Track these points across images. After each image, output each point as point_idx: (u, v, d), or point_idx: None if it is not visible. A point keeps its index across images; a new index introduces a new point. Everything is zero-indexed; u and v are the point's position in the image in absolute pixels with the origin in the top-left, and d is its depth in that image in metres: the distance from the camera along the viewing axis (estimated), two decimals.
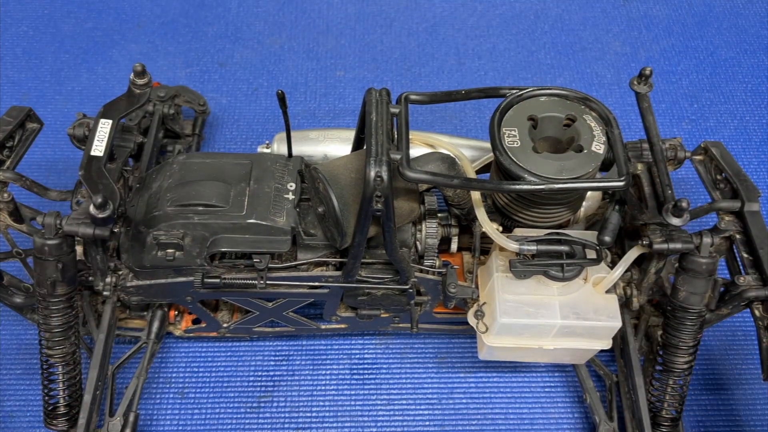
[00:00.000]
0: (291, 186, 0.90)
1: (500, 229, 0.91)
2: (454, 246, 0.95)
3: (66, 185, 1.21)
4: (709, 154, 0.99)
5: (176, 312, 1.01)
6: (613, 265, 0.89)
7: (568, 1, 1.56)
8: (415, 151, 0.99)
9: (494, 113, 0.85)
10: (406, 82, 1.41)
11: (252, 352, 1.06)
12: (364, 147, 0.78)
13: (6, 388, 1.01)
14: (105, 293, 0.90)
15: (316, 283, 0.90)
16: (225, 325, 1.00)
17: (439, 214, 0.92)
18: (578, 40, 1.49)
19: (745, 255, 0.89)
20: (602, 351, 1.00)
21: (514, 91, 0.87)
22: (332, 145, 1.04)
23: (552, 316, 0.85)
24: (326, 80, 1.41)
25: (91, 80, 1.39)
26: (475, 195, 0.87)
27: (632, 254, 0.87)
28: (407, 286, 0.89)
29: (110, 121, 0.90)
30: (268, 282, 0.87)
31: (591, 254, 0.85)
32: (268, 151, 1.06)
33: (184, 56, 1.43)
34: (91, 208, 0.79)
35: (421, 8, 1.55)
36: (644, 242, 0.85)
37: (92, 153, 0.87)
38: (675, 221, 0.82)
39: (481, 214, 0.86)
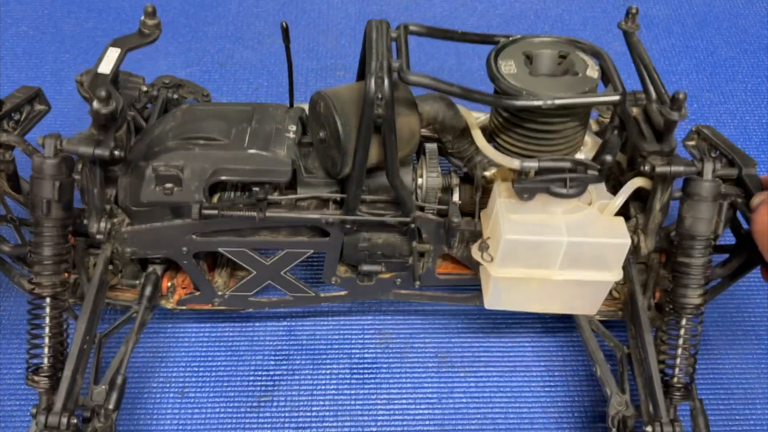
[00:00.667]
0: (292, 128, 0.91)
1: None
2: (455, 199, 0.93)
3: None
4: (702, 135, 0.99)
5: (169, 284, 1.00)
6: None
7: (568, 1, 1.57)
8: None
9: (491, 52, 0.87)
10: None
11: (252, 352, 1.06)
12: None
13: (6, 388, 1.02)
14: (99, 237, 0.88)
15: (316, 216, 0.88)
16: (220, 293, 0.99)
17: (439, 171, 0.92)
18: None
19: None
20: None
21: (508, 37, 0.90)
22: None
23: (558, 234, 0.84)
24: (326, 80, 1.41)
25: None
26: (470, 119, 0.89)
27: (635, 182, 0.87)
28: (408, 219, 0.89)
29: (118, 49, 0.91)
30: (267, 215, 0.87)
31: (592, 171, 0.84)
32: None
33: (184, 56, 1.43)
34: (95, 103, 0.79)
35: (421, 8, 1.55)
36: (646, 168, 0.84)
37: (99, 71, 0.88)
38: (674, 116, 0.83)
39: (478, 136, 0.87)
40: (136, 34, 0.96)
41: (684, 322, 0.88)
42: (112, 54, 0.90)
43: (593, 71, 0.85)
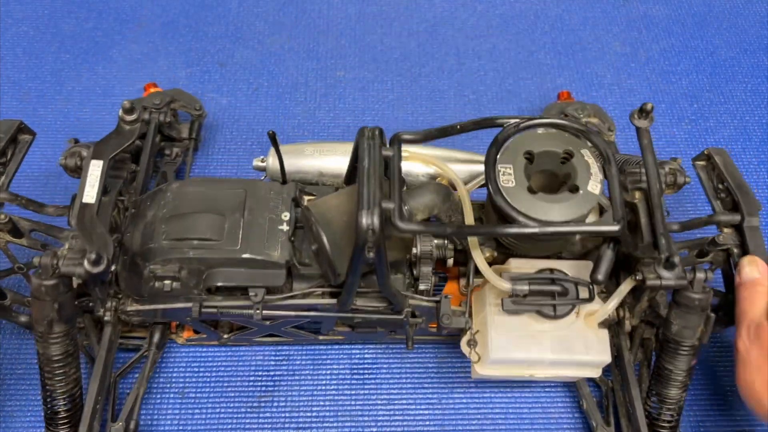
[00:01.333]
0: (285, 216, 0.89)
1: (495, 254, 0.92)
2: (450, 262, 0.95)
3: (65, 187, 1.21)
4: (712, 161, 0.98)
5: (177, 323, 1.02)
6: (605, 293, 0.91)
7: (568, 1, 1.57)
8: (411, 166, 0.99)
9: (490, 148, 0.84)
10: (406, 82, 1.41)
11: (252, 353, 1.06)
12: (356, 185, 0.78)
13: (7, 388, 1.02)
14: (106, 319, 0.91)
15: (312, 313, 0.91)
16: (225, 336, 1.01)
17: (435, 241, 0.91)
18: (578, 40, 1.49)
19: None
20: None
21: (511, 121, 0.86)
22: (327, 159, 1.04)
23: (543, 352, 0.87)
24: (326, 80, 1.41)
25: (91, 80, 1.39)
26: (472, 238, 0.87)
27: (625, 288, 0.87)
28: (401, 316, 0.90)
29: (101, 162, 0.90)
30: (264, 312, 0.88)
31: (583, 292, 0.86)
32: (263, 165, 1.06)
33: (184, 56, 1.43)
34: (86, 264, 0.79)
35: (421, 8, 1.55)
36: (637, 277, 0.85)
37: (84, 201, 0.87)
38: (665, 275, 0.82)
39: (477, 255, 0.86)
40: (115, 134, 0.95)
41: (665, 409, 0.90)
42: (95, 171, 0.89)
43: (595, 185, 0.82)
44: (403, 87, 1.40)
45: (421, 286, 0.90)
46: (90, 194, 0.87)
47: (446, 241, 0.92)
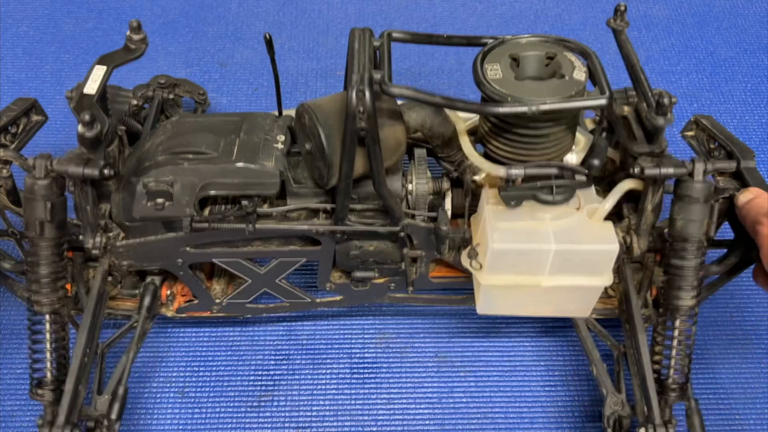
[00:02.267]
0: (280, 138, 0.90)
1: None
2: (447, 204, 0.94)
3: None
4: (701, 125, 0.98)
5: (168, 292, 1.01)
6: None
7: (568, 1, 1.57)
8: None
9: (477, 55, 0.86)
10: (406, 82, 1.40)
11: (252, 352, 1.06)
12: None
13: (7, 388, 1.02)
14: (95, 252, 0.89)
15: (306, 227, 0.89)
16: (218, 300, 1.00)
17: (430, 174, 0.92)
18: (578, 39, 1.49)
19: None
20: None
21: (496, 39, 0.89)
22: None
23: (546, 241, 0.83)
24: (326, 80, 1.41)
25: None
26: (460, 125, 0.88)
27: (624, 185, 0.86)
28: (398, 228, 0.89)
29: (104, 67, 0.92)
30: (257, 227, 0.87)
31: (580, 176, 0.84)
32: None
33: (184, 56, 1.44)
34: (79, 127, 0.79)
35: (421, 8, 1.55)
36: (635, 170, 0.83)
37: (85, 91, 0.88)
38: (660, 121, 0.82)
39: (466, 143, 0.86)
40: (122, 49, 0.97)
41: (678, 323, 0.87)
42: (98, 72, 0.91)
43: (580, 73, 0.84)
44: None
45: (418, 218, 0.90)
46: (91, 87, 0.89)
47: (441, 179, 0.92)
